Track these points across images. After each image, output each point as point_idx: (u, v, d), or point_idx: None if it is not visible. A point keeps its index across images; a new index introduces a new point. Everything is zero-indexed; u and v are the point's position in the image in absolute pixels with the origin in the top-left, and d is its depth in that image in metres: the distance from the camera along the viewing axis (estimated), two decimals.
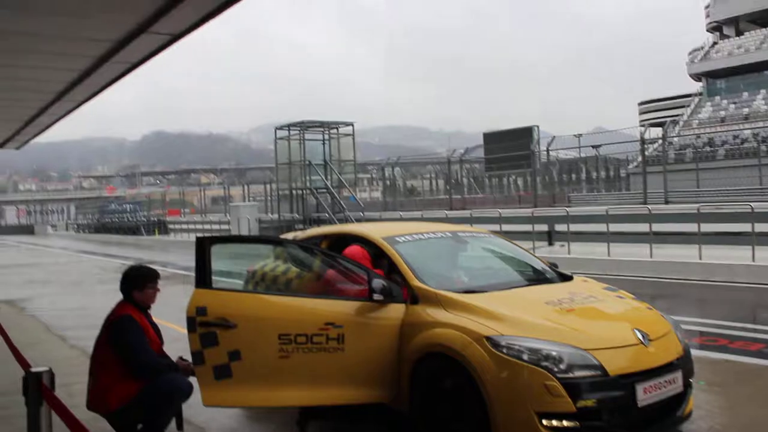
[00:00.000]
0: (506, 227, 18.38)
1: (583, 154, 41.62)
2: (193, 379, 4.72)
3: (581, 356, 4.23)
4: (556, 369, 4.14)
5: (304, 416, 5.00)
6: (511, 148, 31.10)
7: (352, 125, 30.17)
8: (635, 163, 39.75)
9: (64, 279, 18.41)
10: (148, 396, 4.57)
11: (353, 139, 30.60)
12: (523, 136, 31.37)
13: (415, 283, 4.96)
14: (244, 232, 29.74)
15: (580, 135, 38.62)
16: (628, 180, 40.26)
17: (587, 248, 16.87)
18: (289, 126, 29.45)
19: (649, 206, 17.92)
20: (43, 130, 11.98)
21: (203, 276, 4.66)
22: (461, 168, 32.12)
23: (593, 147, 38.54)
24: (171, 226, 44.32)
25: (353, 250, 5.40)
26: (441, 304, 4.76)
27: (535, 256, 6.23)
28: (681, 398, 4.64)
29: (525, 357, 4.20)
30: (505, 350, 4.25)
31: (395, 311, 4.85)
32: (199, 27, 5.62)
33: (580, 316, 4.75)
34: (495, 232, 6.90)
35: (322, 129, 30.17)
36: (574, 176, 42.02)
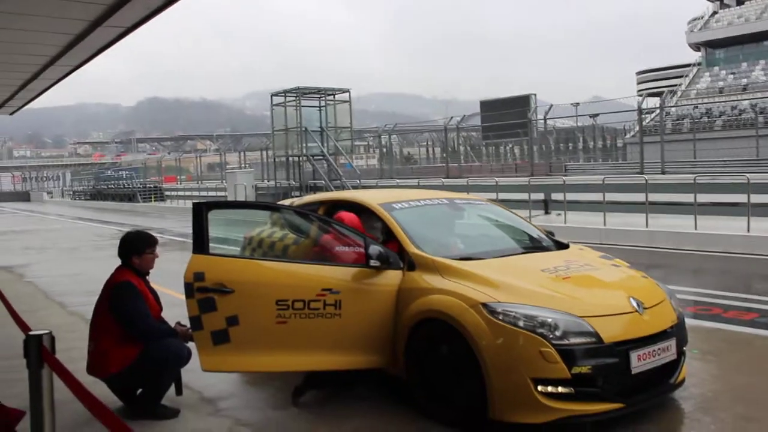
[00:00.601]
0: (503, 196, 18.37)
1: (580, 123, 41.57)
2: (191, 345, 4.76)
3: (576, 323, 4.27)
4: (551, 336, 4.18)
5: (306, 383, 5.04)
6: (508, 116, 30.98)
7: (349, 92, 30.04)
8: (632, 133, 39.75)
9: (61, 245, 18.40)
10: (146, 360, 4.61)
11: (350, 105, 30.50)
12: (521, 104, 31.22)
13: (412, 249, 4.97)
14: (241, 198, 29.70)
15: (578, 104, 38.53)
16: (625, 150, 40.29)
17: (583, 217, 16.91)
18: (285, 92, 29.28)
19: (646, 176, 17.92)
20: (37, 96, 11.88)
21: (201, 242, 4.66)
22: (458, 136, 32.00)
23: (590, 116, 38.46)
24: (167, 193, 44.25)
25: (344, 215, 5.39)
26: (438, 270, 4.78)
27: (532, 225, 6.25)
28: (674, 366, 4.69)
29: (521, 323, 4.23)
30: (501, 317, 4.27)
31: (392, 278, 4.87)
32: None
33: (576, 283, 4.78)
34: (492, 200, 6.91)
35: (318, 95, 30.02)
36: (571, 145, 42.00)
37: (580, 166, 30.94)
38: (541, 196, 19.22)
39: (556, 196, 18.59)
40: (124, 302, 4.70)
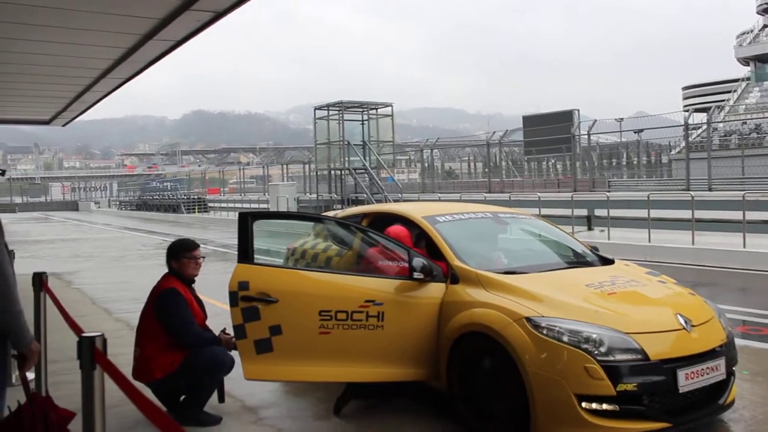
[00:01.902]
0: (545, 211, 18.21)
1: (624, 139, 40.98)
2: (234, 353, 4.81)
3: (622, 339, 4.20)
4: (596, 351, 4.12)
5: (346, 394, 5.05)
6: (550, 131, 30.79)
7: (391, 106, 30.14)
8: (678, 149, 39.01)
9: (108, 254, 18.79)
10: (190, 367, 4.67)
11: (392, 119, 30.58)
12: (564, 119, 30.98)
13: (456, 262, 4.96)
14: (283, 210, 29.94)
15: (622, 119, 38.04)
16: (670, 166, 39.57)
17: (627, 234, 16.66)
18: (328, 106, 29.51)
19: (692, 192, 17.57)
20: (88, 107, 12.21)
21: (246, 251, 4.71)
22: (500, 151, 31.84)
23: (635, 132, 37.92)
24: (210, 204, 44.88)
25: (396, 229, 5.40)
26: (481, 284, 4.76)
27: (577, 240, 6.18)
28: (723, 386, 4.57)
29: (565, 339, 4.18)
30: (545, 331, 4.23)
31: (435, 290, 4.86)
32: (241, 4, 5.65)
33: (622, 299, 4.71)
34: (535, 215, 6.86)
35: (361, 109, 30.18)
36: (614, 161, 41.45)
37: (624, 183, 30.48)
38: (584, 211, 18.98)
39: (600, 212, 18.34)
40: (168, 309, 4.79)
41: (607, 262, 5.66)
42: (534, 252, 5.87)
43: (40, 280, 4.37)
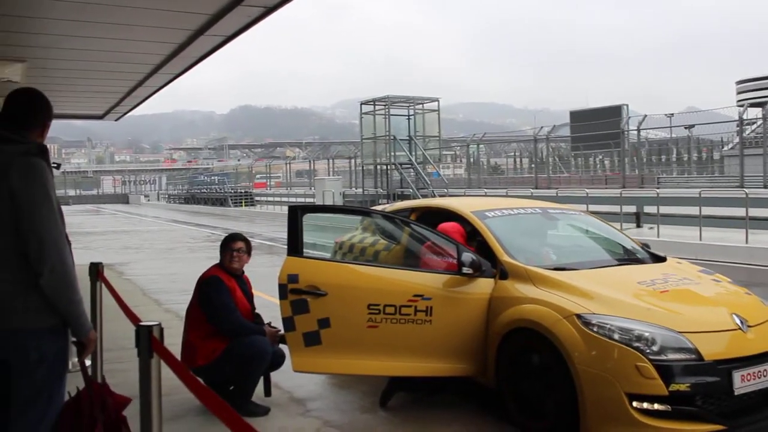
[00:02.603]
0: (593, 207, 17.88)
1: (674, 135, 40.08)
2: (283, 347, 4.86)
3: (675, 338, 4.12)
4: (648, 350, 4.05)
5: (391, 387, 5.06)
6: (598, 126, 30.32)
7: (438, 101, 30.10)
8: (731, 145, 37.98)
9: (158, 246, 19.15)
10: (231, 356, 4.75)
11: (438, 114, 30.54)
12: (612, 115, 30.49)
13: (505, 258, 4.92)
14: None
15: (672, 115, 37.18)
16: (722, 162, 38.55)
17: (677, 231, 16.29)
18: (374, 101, 29.60)
19: (746, 190, 17.11)
20: (140, 102, 12.45)
21: (295, 244, 4.75)
22: (547, 146, 31.48)
23: (685, 127, 37.05)
24: (257, 198, 45.39)
25: (448, 226, 5.38)
26: (531, 280, 4.72)
27: (627, 236, 6.08)
28: None
29: (616, 336, 4.12)
30: (595, 329, 4.17)
31: (484, 286, 4.83)
32: (290, 0, 5.70)
33: (675, 297, 4.62)
34: (584, 211, 6.77)
35: (407, 104, 30.19)
36: (664, 158, 40.59)
37: (674, 179, 29.85)
38: (633, 208, 18.65)
39: (649, 209, 17.99)
40: (209, 296, 4.89)
41: (658, 259, 5.56)
42: (584, 248, 5.80)
43: (96, 270, 4.48)
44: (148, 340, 2.19)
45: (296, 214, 4.81)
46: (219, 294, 4.91)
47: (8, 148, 2.80)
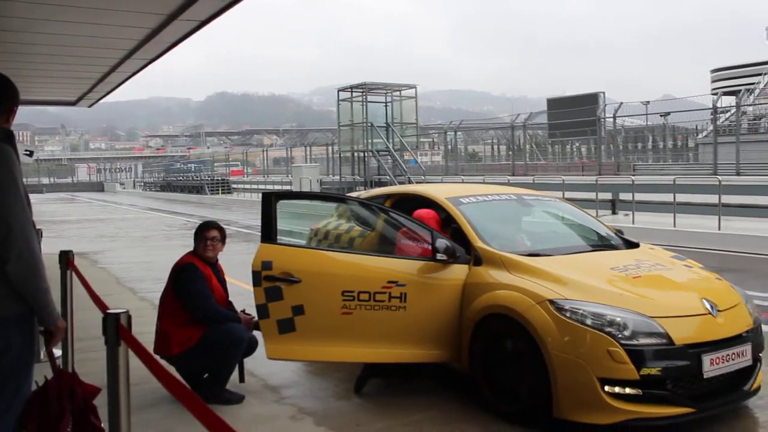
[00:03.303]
0: (569, 194, 18.03)
1: (650, 123, 40.42)
2: (257, 334, 4.84)
3: (646, 323, 4.17)
4: (620, 335, 4.09)
5: (365, 373, 5.06)
6: (575, 114, 30.48)
7: (415, 88, 30.03)
8: (705, 133, 38.39)
9: (133, 234, 18.97)
10: (207, 343, 4.72)
11: (416, 101, 30.48)
12: (588, 102, 30.64)
13: (479, 244, 4.94)
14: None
15: (648, 102, 37.46)
16: (697, 150, 38.97)
17: (652, 218, 16.48)
18: (351, 87, 29.47)
19: (720, 177, 17.33)
20: (114, 88, 12.29)
21: (269, 231, 4.73)
22: (524, 134, 31.58)
23: (661, 115, 37.36)
24: (234, 186, 45.11)
25: (424, 212, 5.37)
26: (504, 266, 4.74)
27: (602, 223, 6.12)
28: (749, 372, 4.51)
29: (588, 322, 4.16)
30: (568, 314, 4.21)
31: (458, 272, 4.85)
32: None
33: (647, 283, 4.67)
34: (559, 198, 6.80)
35: (384, 91, 30.09)
36: (640, 145, 40.91)
37: (649, 167, 30.18)
38: (608, 195, 18.82)
39: (625, 196, 18.17)
40: (184, 283, 4.86)
41: (632, 245, 5.61)
42: (558, 234, 5.83)
43: (66, 259, 4.41)
44: (116, 329, 2.17)
45: (270, 201, 4.79)
46: (195, 281, 4.88)
47: None
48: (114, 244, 16.37)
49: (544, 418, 4.24)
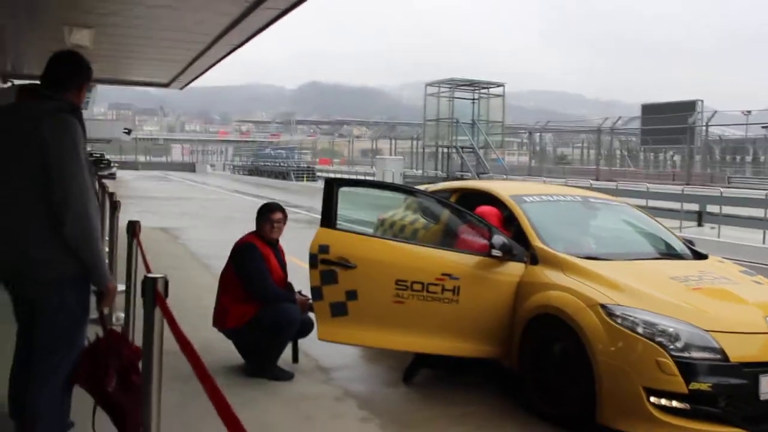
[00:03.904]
0: (653, 203, 17.56)
1: (751, 134, 38.57)
2: (312, 316, 4.96)
3: (700, 337, 4.05)
4: (671, 346, 3.99)
5: (415, 363, 5.11)
6: (669, 121, 29.50)
7: (503, 86, 29.74)
8: None
9: (216, 214, 19.59)
10: (261, 321, 4.87)
11: (503, 100, 30.19)
12: (686, 110, 29.61)
13: (537, 243, 4.90)
14: None
15: (749, 112, 35.76)
16: None
17: (741, 233, 15.79)
18: (439, 83, 29.44)
19: None
20: (203, 72, 12.76)
21: (329, 216, 4.84)
22: (611, 139, 30.81)
23: (763, 126, 35.61)
24: (319, 174, 45.80)
25: (486, 209, 5.37)
26: (560, 266, 4.69)
27: (670, 232, 5.95)
28: None
29: (639, 330, 4.07)
30: (619, 320, 4.13)
31: (514, 269, 4.82)
32: None
33: (707, 295, 4.53)
34: (638, 206, 6.63)
35: (472, 88, 29.93)
36: (738, 157, 39.13)
37: (747, 180, 28.80)
38: (695, 207, 18.14)
39: (714, 209, 17.46)
40: (243, 261, 5.03)
41: (699, 257, 5.43)
42: (621, 240, 5.71)
43: (133, 229, 4.66)
44: (153, 292, 2.29)
45: (332, 187, 4.91)
46: (254, 260, 5.05)
47: (44, 104, 2.95)
48: (196, 222, 16.95)
49: (588, 424, 4.18)
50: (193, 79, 13.94)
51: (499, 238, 4.80)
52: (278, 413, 4.34)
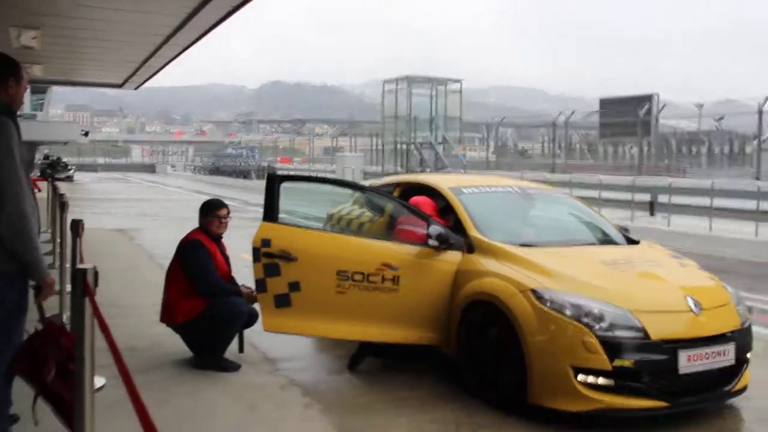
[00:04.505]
0: (606, 194, 18.02)
1: (705, 127, 39.50)
2: (257, 307, 5.10)
3: (624, 317, 4.27)
4: (596, 326, 4.20)
5: (360, 351, 5.27)
6: (626, 114, 30.07)
7: (460, 82, 30.09)
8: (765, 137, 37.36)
9: (175, 214, 19.50)
10: (209, 315, 5.00)
11: (460, 96, 30.57)
12: (642, 103, 30.17)
13: (473, 232, 5.09)
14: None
15: (701, 105, 36.60)
16: (760, 156, 37.87)
17: (693, 222, 16.28)
18: (396, 80, 29.68)
19: (760, 183, 17.01)
20: (156, 72, 12.77)
21: (271, 211, 4.99)
22: (566, 132, 31.34)
23: (715, 119, 36.50)
24: (279, 173, 45.64)
25: (420, 199, 5.56)
26: (494, 255, 4.88)
27: (605, 220, 6.19)
28: (734, 372, 4.55)
29: (568, 312, 4.28)
30: (548, 303, 4.34)
31: (451, 258, 5.00)
32: None
33: (632, 278, 4.78)
34: (579, 197, 6.87)
35: (429, 84, 30.21)
36: (694, 149, 39.97)
37: (702, 172, 29.47)
38: (647, 197, 18.63)
39: (666, 198, 17.96)
40: (190, 258, 5.15)
41: (632, 242, 5.68)
42: (555, 228, 5.94)
43: (76, 228, 4.76)
44: (83, 283, 2.41)
45: (274, 182, 5.05)
46: (199, 256, 5.17)
47: None
48: (154, 223, 16.91)
49: (521, 405, 4.37)
50: (146, 80, 13.93)
51: (435, 228, 4.98)
52: (224, 403, 4.48)
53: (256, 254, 4.86)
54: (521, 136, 54.89)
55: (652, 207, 18.70)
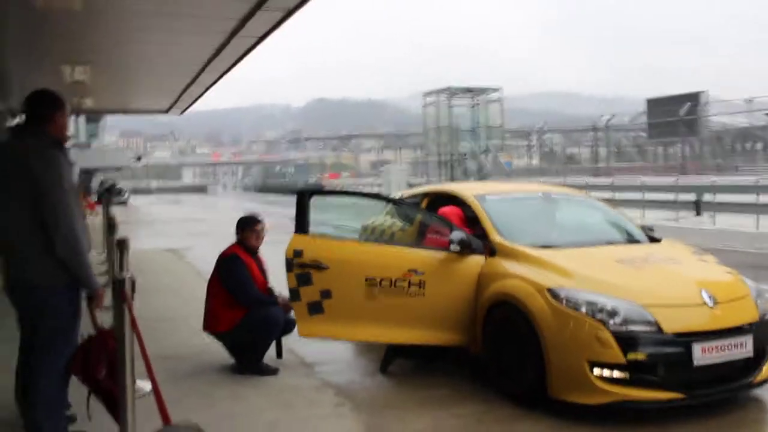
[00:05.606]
0: (650, 196, 17.87)
1: (755, 122, 38.50)
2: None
3: (637, 311, 4.44)
4: (610, 321, 4.38)
5: (389, 354, 5.55)
6: (672, 114, 29.72)
7: (499, 90, 30.17)
8: None
9: (223, 232, 20.01)
10: (248, 323, 5.36)
11: (501, 104, 30.61)
12: (690, 101, 29.75)
13: (494, 237, 5.34)
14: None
15: (751, 100, 35.67)
16: None
17: (738, 220, 16.05)
18: (436, 92, 29.93)
19: None
20: (198, 97, 13.42)
21: (302, 223, 5.33)
22: (606, 135, 31.15)
23: (766, 113, 35.63)
24: (308, 188, 46.17)
25: (447, 209, 5.85)
26: (515, 257, 5.12)
27: (629, 220, 6.34)
28: (754, 364, 4.64)
29: (583, 309, 4.47)
30: (564, 301, 4.55)
31: (474, 262, 5.26)
32: (306, 2, 6.26)
33: (648, 274, 4.94)
34: (606, 200, 7.02)
35: (470, 94, 30.40)
36: (748, 145, 39.05)
37: (756, 168, 28.83)
38: (692, 197, 18.42)
39: (721, 197, 17.66)
40: (229, 272, 5.52)
41: (654, 241, 5.83)
42: (576, 230, 6.10)
43: (121, 247, 5.17)
44: (120, 291, 2.76)
45: (304, 197, 5.40)
46: (237, 269, 5.54)
47: (29, 141, 3.50)
48: (203, 241, 17.41)
49: (542, 399, 4.58)
50: (190, 104, 14.58)
51: (457, 234, 5.25)
52: (261, 403, 4.82)
53: (289, 265, 5.19)
54: (569, 141, 54.51)
55: (697, 206, 18.49)
